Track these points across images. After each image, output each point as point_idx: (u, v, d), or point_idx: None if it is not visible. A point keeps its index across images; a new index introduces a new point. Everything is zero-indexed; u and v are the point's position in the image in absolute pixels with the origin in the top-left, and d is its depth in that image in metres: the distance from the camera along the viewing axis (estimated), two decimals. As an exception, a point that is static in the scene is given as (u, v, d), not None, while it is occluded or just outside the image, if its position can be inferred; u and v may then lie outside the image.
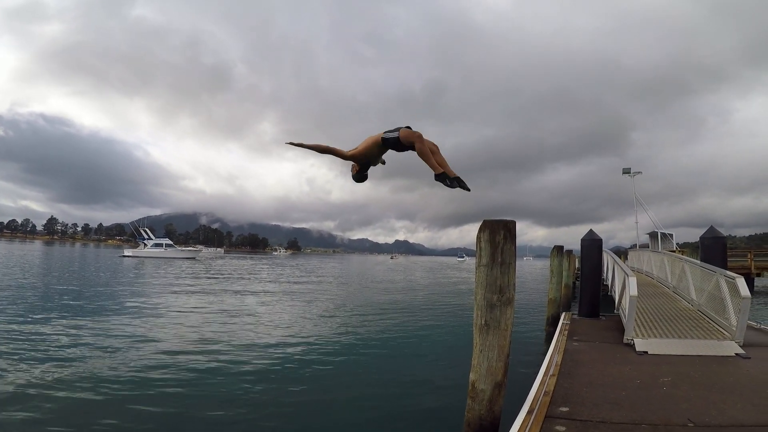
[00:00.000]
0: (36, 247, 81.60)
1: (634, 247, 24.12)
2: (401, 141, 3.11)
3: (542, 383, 3.95)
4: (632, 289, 5.45)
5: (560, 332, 6.36)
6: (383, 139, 3.16)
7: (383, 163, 3.61)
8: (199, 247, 79.38)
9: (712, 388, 3.73)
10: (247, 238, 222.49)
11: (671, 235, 21.62)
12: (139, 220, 66.07)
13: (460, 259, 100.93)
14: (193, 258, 56.82)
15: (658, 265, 12.25)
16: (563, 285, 10.37)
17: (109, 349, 7.16)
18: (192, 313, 11.45)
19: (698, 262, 7.60)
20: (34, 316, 10.31)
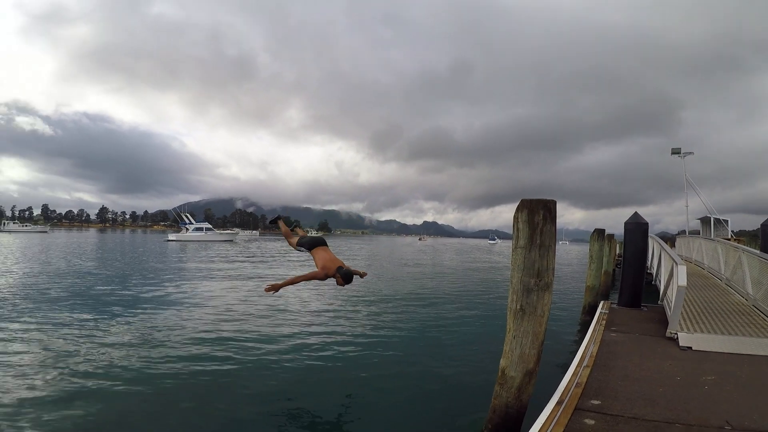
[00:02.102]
0: (91, 234, 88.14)
1: (682, 233, 22.65)
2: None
3: (575, 374, 3.88)
4: (681, 278, 5.10)
5: (597, 322, 6.18)
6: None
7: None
8: (236, 230, 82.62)
9: (758, 391, 3.50)
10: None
11: (726, 222, 20.00)
12: (180, 206, 69.84)
13: (491, 242, 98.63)
14: (231, 240, 59.50)
15: (710, 254, 11.45)
16: (603, 272, 9.95)
17: (169, 328, 7.71)
18: (229, 294, 12.05)
19: (758, 252, 7.04)
20: (98, 296, 11.26)
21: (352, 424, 4.13)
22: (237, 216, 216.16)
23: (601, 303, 7.69)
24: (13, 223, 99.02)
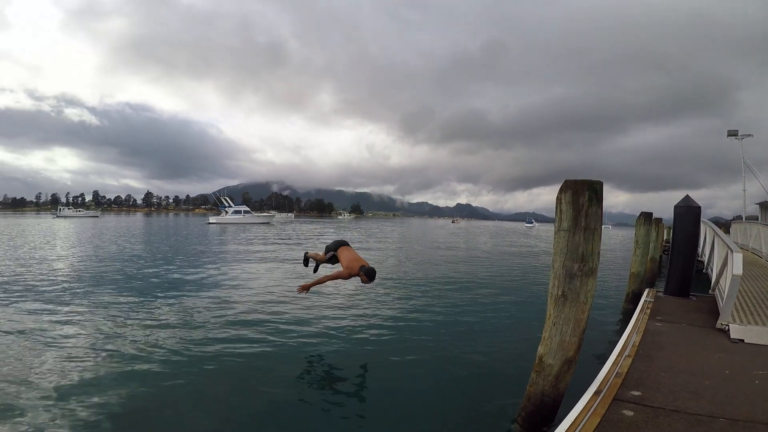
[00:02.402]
0: (138, 218, 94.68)
1: (738, 218, 20.91)
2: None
3: (615, 363, 3.79)
4: (736, 266, 4.74)
5: (641, 310, 5.94)
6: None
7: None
8: (273, 212, 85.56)
9: (813, 388, 3.26)
10: (314, 204, 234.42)
11: (789, 207, 18.24)
12: (220, 190, 73.26)
13: (528, 225, 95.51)
14: (268, 223, 61.80)
15: (771, 241, 10.55)
16: (649, 258, 9.44)
17: (213, 307, 8.26)
18: (266, 276, 12.60)
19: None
20: (145, 278, 12.18)
21: (381, 408, 4.19)
22: (273, 199, 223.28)
23: (646, 291, 7.36)
24: (68, 209, 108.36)
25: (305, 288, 5.49)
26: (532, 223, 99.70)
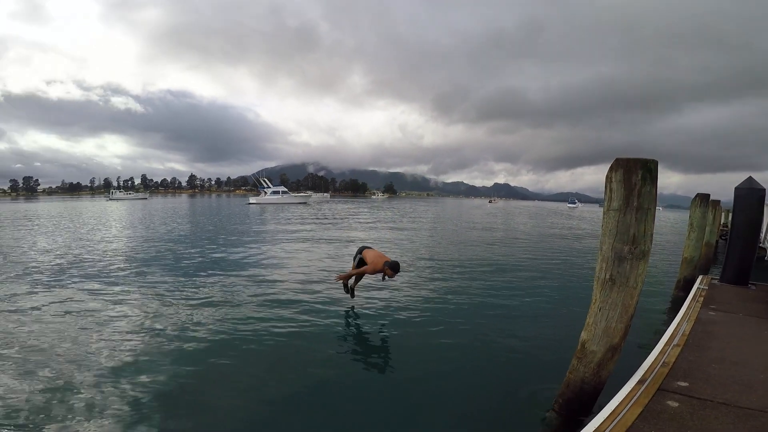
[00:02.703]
0: (183, 199, 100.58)
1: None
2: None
3: (662, 353, 3.66)
4: None
5: (694, 298, 5.63)
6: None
7: None
8: (309, 192, 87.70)
9: None
10: (349, 184, 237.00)
11: None
12: (258, 171, 76.07)
13: (571, 206, 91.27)
14: (305, 203, 63.55)
15: None
16: (704, 243, 8.77)
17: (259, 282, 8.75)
18: (304, 255, 13.04)
19: None
20: (191, 258, 13.02)
21: (413, 390, 4.21)
22: (309, 180, 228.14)
23: (700, 278, 6.93)
24: (120, 192, 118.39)
25: (341, 278, 6.54)
26: (575, 203, 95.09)
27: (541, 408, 3.83)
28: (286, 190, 68.28)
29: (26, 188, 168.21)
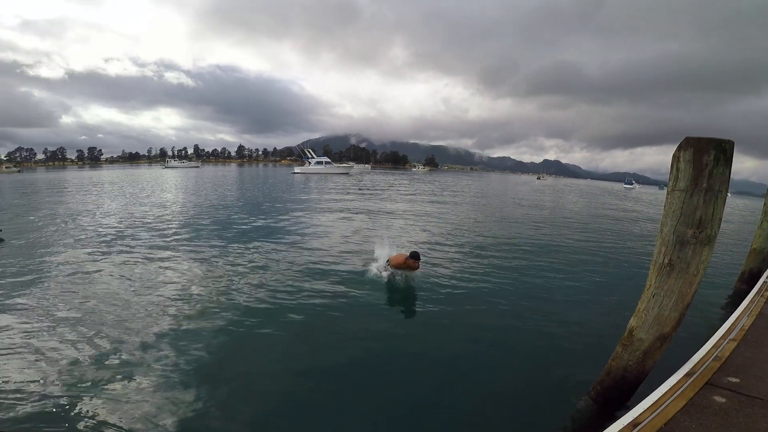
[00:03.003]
0: (233, 168, 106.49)
1: None
2: None
3: (715, 346, 3.39)
4: None
5: (759, 292, 5.12)
6: None
7: None
8: (351, 163, 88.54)
9: None
10: (390, 156, 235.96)
11: None
12: (303, 143, 78.20)
13: (627, 186, 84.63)
14: (347, 173, 64.58)
15: None
16: (777, 234, 7.82)
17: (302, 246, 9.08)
18: (344, 226, 13.32)
19: None
20: (238, 225, 13.75)
21: (448, 370, 4.19)
22: (351, 151, 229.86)
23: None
24: (174, 160, 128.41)
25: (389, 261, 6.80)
26: (632, 184, 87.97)
27: (575, 394, 3.72)
28: (329, 160, 69.49)
29: (91, 158, 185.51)
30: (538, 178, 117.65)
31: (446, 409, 3.61)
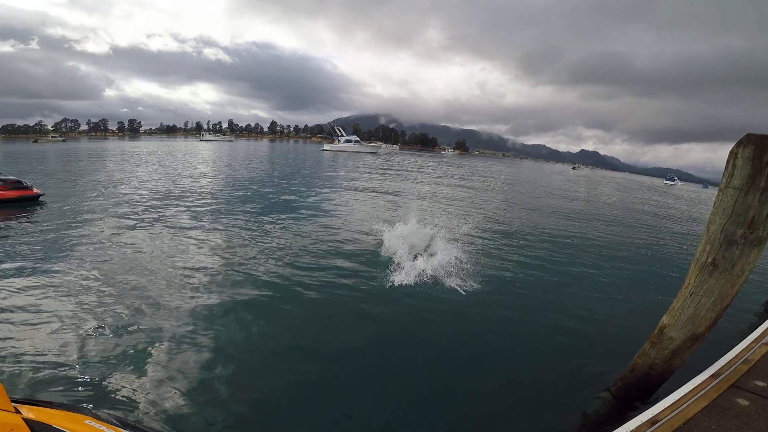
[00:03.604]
0: (264, 143, 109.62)
1: None
2: None
3: (746, 350, 3.25)
4: None
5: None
6: None
7: None
8: (379, 143, 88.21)
9: None
10: (418, 137, 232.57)
11: None
12: (333, 121, 78.86)
13: (669, 182, 79.83)
14: (375, 153, 64.56)
15: None
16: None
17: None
18: (368, 205, 13.39)
19: None
20: (267, 198, 14.10)
21: (468, 359, 4.15)
22: (380, 131, 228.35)
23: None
24: (209, 134, 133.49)
25: None
26: (674, 180, 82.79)
27: (596, 388, 3.69)
28: (358, 139, 69.56)
29: (131, 129, 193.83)
30: (574, 168, 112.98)
31: (465, 396, 3.60)
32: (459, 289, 5.89)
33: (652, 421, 2.36)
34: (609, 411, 3.39)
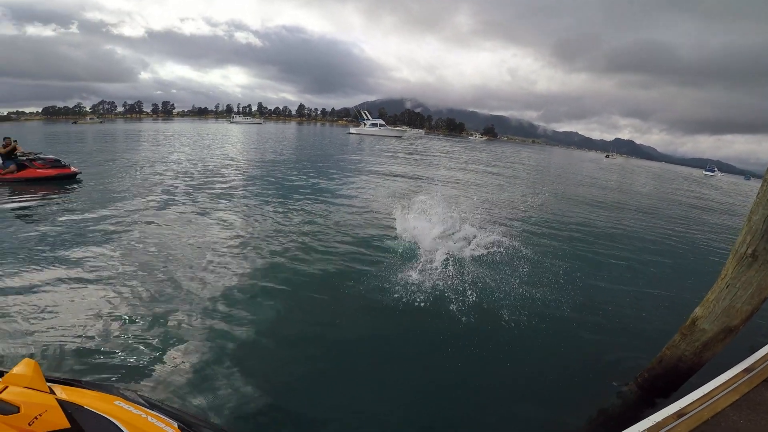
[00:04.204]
0: (292, 126, 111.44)
1: None
2: None
3: (785, 345, 3.11)
4: None
5: None
6: None
7: None
8: (405, 127, 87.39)
9: None
10: (445, 122, 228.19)
11: None
12: (359, 105, 79.41)
13: (708, 173, 75.31)
14: (400, 137, 64.15)
15: None
16: None
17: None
18: (391, 188, 13.41)
19: None
20: (290, 181, 14.37)
21: (489, 348, 4.08)
22: (406, 115, 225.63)
23: None
24: (239, 116, 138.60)
25: None
26: (713, 171, 77.87)
27: (620, 379, 3.62)
28: (383, 123, 69.36)
29: (164, 111, 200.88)
30: (607, 156, 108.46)
31: (484, 386, 3.55)
32: (482, 276, 5.83)
33: (679, 414, 2.32)
34: (634, 402, 3.33)
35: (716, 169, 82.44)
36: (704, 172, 78.40)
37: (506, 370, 3.78)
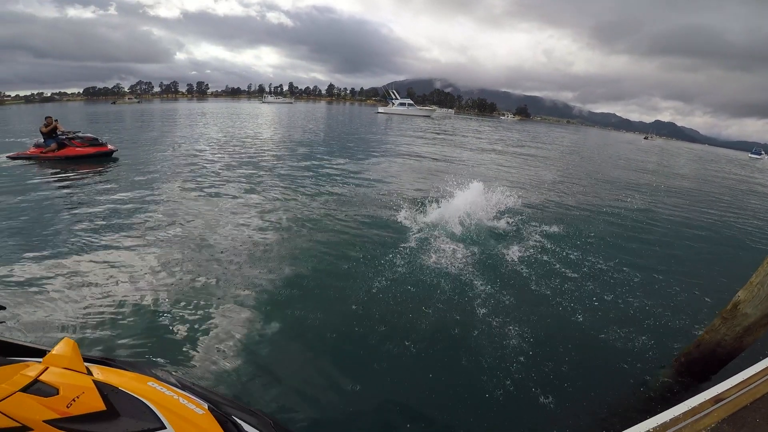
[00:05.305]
0: (322, 105, 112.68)
1: None
2: None
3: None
4: None
5: None
6: None
7: None
8: (434, 107, 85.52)
9: None
10: (476, 102, 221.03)
11: None
12: (388, 84, 78.97)
13: (754, 156, 69.54)
14: (428, 116, 63.25)
15: None
16: None
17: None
18: (415, 173, 13.27)
19: None
20: (317, 161, 14.58)
21: (523, 335, 3.96)
22: (435, 95, 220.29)
23: None
24: (271, 96, 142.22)
25: None
26: (760, 154, 71.72)
27: (655, 363, 3.56)
28: (412, 102, 68.42)
29: (198, 91, 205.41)
30: (645, 138, 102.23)
31: (517, 369, 3.47)
32: (511, 260, 5.74)
33: (717, 399, 2.28)
34: (670, 386, 3.28)
35: (763, 152, 76.17)
36: (750, 155, 72.77)
37: (537, 353, 3.69)
